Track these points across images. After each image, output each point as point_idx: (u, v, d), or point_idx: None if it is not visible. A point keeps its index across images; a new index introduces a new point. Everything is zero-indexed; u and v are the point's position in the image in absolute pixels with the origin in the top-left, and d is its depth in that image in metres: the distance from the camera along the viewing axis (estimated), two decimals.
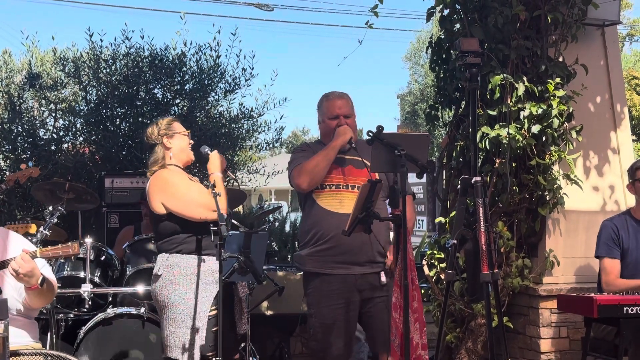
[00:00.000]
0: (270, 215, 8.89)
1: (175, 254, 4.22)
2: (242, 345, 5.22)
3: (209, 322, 4.19)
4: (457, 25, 5.89)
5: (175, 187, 4.20)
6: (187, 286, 4.16)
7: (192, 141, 4.46)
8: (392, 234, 4.52)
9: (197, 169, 7.61)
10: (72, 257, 3.68)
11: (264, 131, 9.48)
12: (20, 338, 3.69)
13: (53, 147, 8.54)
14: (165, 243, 4.26)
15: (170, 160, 4.36)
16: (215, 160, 4.31)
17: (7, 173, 8.41)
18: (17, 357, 3.49)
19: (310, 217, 4.37)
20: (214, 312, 4.19)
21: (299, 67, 66.86)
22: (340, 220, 4.01)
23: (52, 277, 3.77)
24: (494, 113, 5.46)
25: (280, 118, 9.39)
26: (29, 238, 4.78)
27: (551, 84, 5.42)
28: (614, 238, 5.08)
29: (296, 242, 5.80)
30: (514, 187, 5.49)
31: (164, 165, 4.33)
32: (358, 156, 4.31)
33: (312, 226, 4.34)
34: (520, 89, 5.37)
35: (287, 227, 9.23)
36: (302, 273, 4.52)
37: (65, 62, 8.90)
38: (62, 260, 5.48)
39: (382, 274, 4.28)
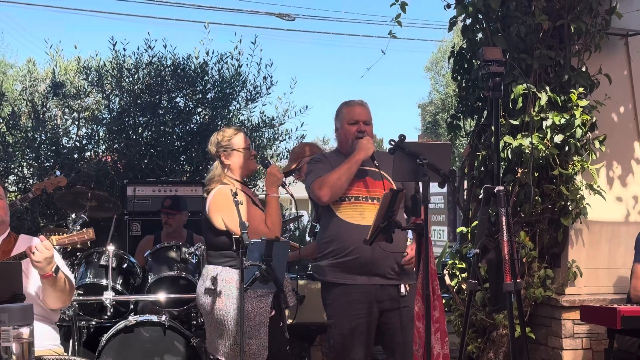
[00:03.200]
0: (291, 224, 8.90)
1: (228, 267, 4.23)
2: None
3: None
4: (480, 35, 5.87)
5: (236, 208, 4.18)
6: (243, 299, 4.13)
7: (254, 152, 4.45)
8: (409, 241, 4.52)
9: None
10: (88, 242, 3.68)
11: (284, 140, 9.55)
12: (42, 341, 3.71)
13: (76, 155, 8.61)
14: (218, 256, 4.29)
15: (230, 174, 4.37)
16: (269, 178, 4.31)
17: (31, 181, 8.49)
18: None
19: (330, 229, 4.33)
20: None
21: (320, 76, 67.03)
22: (361, 233, 3.96)
23: (69, 274, 3.78)
24: (516, 123, 5.44)
25: (301, 126, 9.46)
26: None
27: (574, 93, 5.39)
28: None
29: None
30: (537, 197, 5.46)
31: (221, 182, 4.33)
32: (376, 168, 4.29)
33: (332, 238, 4.30)
34: (543, 98, 5.35)
35: (308, 237, 9.21)
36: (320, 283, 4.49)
37: (88, 71, 9.00)
38: (83, 269, 5.54)
39: (402, 285, 4.25)
